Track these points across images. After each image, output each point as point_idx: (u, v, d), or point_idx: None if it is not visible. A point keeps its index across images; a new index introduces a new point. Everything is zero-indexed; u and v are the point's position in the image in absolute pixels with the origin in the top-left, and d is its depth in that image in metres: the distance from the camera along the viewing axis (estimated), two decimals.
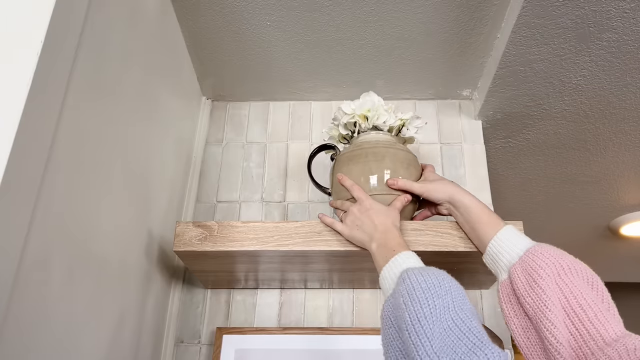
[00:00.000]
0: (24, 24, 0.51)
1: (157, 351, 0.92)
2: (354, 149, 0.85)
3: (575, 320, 0.53)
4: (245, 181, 1.13)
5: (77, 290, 0.62)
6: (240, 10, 0.95)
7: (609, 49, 0.94)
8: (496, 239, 0.67)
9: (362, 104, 0.85)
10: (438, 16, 0.95)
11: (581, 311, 0.53)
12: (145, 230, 0.85)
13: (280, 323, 0.98)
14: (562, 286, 0.56)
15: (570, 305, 0.54)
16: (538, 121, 1.19)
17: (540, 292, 0.57)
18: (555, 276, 0.57)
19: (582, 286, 0.56)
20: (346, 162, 0.84)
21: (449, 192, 0.76)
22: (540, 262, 0.59)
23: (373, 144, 0.84)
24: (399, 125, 0.86)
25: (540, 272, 0.58)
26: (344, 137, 0.89)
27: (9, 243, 0.47)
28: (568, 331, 0.53)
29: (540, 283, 0.57)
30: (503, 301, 0.64)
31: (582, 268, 0.59)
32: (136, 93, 0.79)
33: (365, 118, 0.85)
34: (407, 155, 0.84)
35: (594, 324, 0.52)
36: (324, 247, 0.78)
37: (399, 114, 0.87)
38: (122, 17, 0.72)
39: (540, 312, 0.56)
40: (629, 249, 2.05)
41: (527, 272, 0.60)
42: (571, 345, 0.52)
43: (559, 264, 0.58)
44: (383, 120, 0.84)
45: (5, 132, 0.46)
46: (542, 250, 0.61)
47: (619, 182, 1.51)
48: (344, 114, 0.86)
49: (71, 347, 0.61)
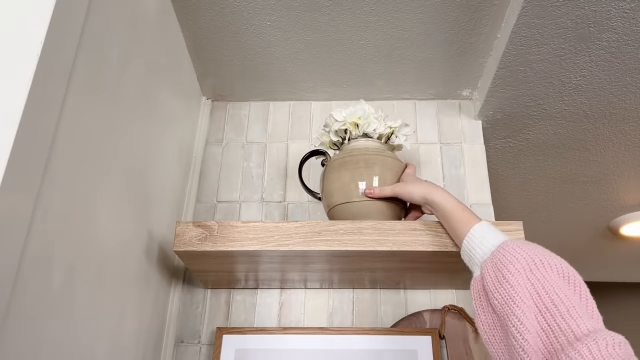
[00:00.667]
0: (24, 24, 0.51)
1: (157, 351, 0.92)
2: (345, 156, 0.86)
3: (547, 316, 0.52)
4: (245, 181, 1.13)
5: (77, 290, 0.62)
6: (240, 10, 0.95)
7: (609, 49, 0.94)
8: (470, 235, 0.67)
9: (353, 111, 0.87)
10: (438, 16, 0.95)
11: (553, 306, 0.52)
12: (145, 230, 0.85)
13: (280, 323, 0.98)
14: (533, 281, 0.55)
15: (542, 300, 0.54)
16: (538, 121, 1.19)
17: (509, 287, 0.56)
18: (527, 271, 0.57)
19: (556, 280, 0.55)
20: (337, 168, 0.86)
21: (422, 192, 0.76)
22: (510, 257, 0.58)
23: (363, 151, 0.86)
24: (388, 133, 0.89)
25: (510, 268, 0.57)
26: (335, 144, 0.91)
27: (9, 243, 0.47)
28: (540, 326, 0.52)
29: (509, 278, 0.57)
30: (473, 298, 0.63)
31: (556, 262, 0.58)
32: (136, 93, 0.79)
33: (356, 125, 0.87)
34: (396, 162, 0.86)
35: (565, 319, 0.51)
36: (324, 247, 0.78)
37: (388, 122, 0.89)
38: (122, 17, 0.72)
39: (508, 308, 0.55)
40: (629, 249, 2.05)
41: (497, 268, 0.59)
42: (542, 340, 0.52)
43: (531, 259, 0.57)
44: (373, 128, 0.87)
45: (5, 132, 0.46)
46: (514, 245, 0.60)
47: (619, 182, 1.51)
48: (335, 121, 0.88)
49: (71, 347, 0.61)
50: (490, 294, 0.59)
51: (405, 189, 0.79)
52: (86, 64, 0.61)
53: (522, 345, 0.52)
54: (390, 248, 0.77)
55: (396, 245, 0.77)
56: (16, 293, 0.49)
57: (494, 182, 1.41)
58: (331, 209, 0.86)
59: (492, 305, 0.59)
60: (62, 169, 0.57)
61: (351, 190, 0.83)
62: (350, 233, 0.78)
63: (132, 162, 0.79)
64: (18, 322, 0.50)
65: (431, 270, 0.88)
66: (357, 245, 0.77)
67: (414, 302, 0.99)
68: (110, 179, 0.71)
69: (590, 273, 2.39)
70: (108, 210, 0.70)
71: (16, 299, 0.49)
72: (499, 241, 0.63)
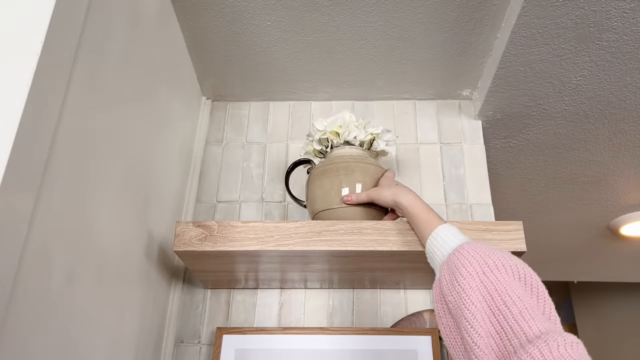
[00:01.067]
0: (24, 24, 0.51)
1: (157, 351, 0.92)
2: (327, 164, 0.88)
3: (500, 318, 0.52)
4: (245, 181, 1.13)
5: (77, 291, 0.62)
6: (240, 10, 0.95)
7: (609, 49, 0.94)
8: (432, 237, 0.67)
9: (333, 121, 0.90)
10: (438, 16, 0.95)
11: (505, 308, 0.52)
12: (145, 230, 0.85)
13: (280, 323, 0.98)
14: (486, 283, 0.55)
15: (495, 302, 0.53)
16: (538, 121, 1.19)
17: (461, 290, 0.56)
18: (480, 274, 0.56)
19: (510, 282, 0.55)
20: (319, 175, 0.88)
21: (391, 195, 0.77)
22: (464, 260, 0.58)
23: (345, 158, 0.88)
24: (370, 139, 0.91)
25: (462, 271, 0.57)
26: (320, 152, 0.93)
27: (9, 243, 0.47)
28: (493, 329, 0.52)
29: (461, 281, 0.56)
30: (434, 301, 0.63)
31: (512, 264, 0.57)
32: (136, 93, 0.79)
33: (337, 134, 0.90)
34: (377, 169, 0.88)
35: (518, 321, 0.50)
36: (324, 247, 0.78)
37: (369, 129, 0.91)
38: (122, 17, 0.72)
39: (460, 311, 0.55)
40: (629, 249, 2.05)
41: (451, 271, 0.59)
42: (496, 342, 0.51)
43: (484, 261, 0.57)
44: (354, 136, 0.89)
45: (5, 132, 0.46)
46: (469, 248, 0.60)
47: (618, 182, 1.51)
48: (317, 131, 0.91)
49: (71, 347, 0.61)
50: (446, 297, 0.59)
51: (377, 193, 0.81)
52: (86, 64, 0.61)
53: (473, 348, 0.52)
54: (390, 248, 0.77)
55: (396, 245, 0.77)
56: (16, 293, 0.49)
57: (494, 182, 1.41)
58: (314, 215, 0.88)
59: (449, 308, 0.59)
60: (62, 169, 0.57)
61: (331, 197, 0.85)
62: (350, 233, 0.79)
63: (132, 162, 0.79)
64: (18, 322, 0.50)
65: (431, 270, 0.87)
66: (357, 245, 0.78)
67: (414, 302, 0.99)
68: (110, 179, 0.71)
69: (590, 273, 2.39)
70: (108, 210, 0.70)
71: (16, 299, 0.49)
72: (456, 244, 0.63)
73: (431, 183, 1.10)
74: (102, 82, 0.67)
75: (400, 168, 1.12)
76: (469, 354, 0.53)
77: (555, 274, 2.42)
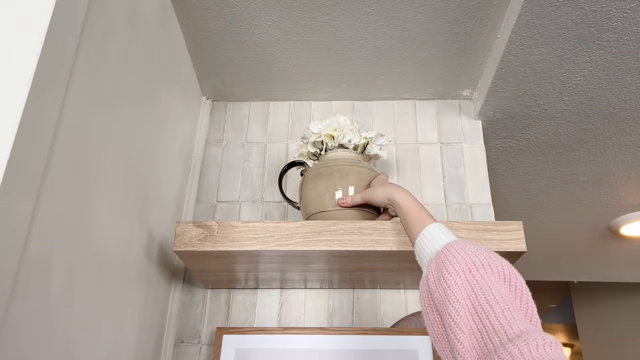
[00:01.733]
0: (24, 24, 0.51)
1: (157, 351, 0.92)
2: (321, 167, 0.89)
3: (483, 317, 0.53)
4: (245, 181, 1.13)
5: (77, 291, 0.62)
6: (240, 10, 0.95)
7: (609, 49, 0.94)
8: (421, 235, 0.68)
9: (328, 124, 0.90)
10: (438, 16, 0.95)
11: (488, 307, 0.53)
12: (145, 230, 0.85)
13: (280, 323, 0.98)
14: (472, 281, 0.56)
15: (479, 301, 0.54)
16: (538, 121, 1.19)
17: (446, 287, 0.57)
18: (466, 272, 0.57)
19: (494, 282, 0.55)
20: (313, 178, 0.88)
21: (385, 193, 0.78)
22: (451, 257, 0.59)
23: (339, 161, 0.88)
24: (364, 143, 0.92)
25: (449, 268, 0.58)
26: (314, 154, 0.94)
27: (9, 243, 0.47)
28: (476, 327, 0.53)
29: (447, 278, 0.57)
30: (421, 297, 0.63)
31: (497, 264, 0.58)
32: (136, 93, 0.79)
33: (332, 137, 0.90)
34: (370, 172, 0.88)
35: (499, 320, 0.51)
36: (324, 247, 0.78)
37: (363, 133, 0.92)
38: (122, 17, 0.72)
39: (444, 308, 0.56)
40: (629, 249, 2.05)
41: (438, 268, 0.60)
42: (477, 340, 0.52)
43: (471, 260, 0.58)
44: (348, 139, 0.90)
45: (5, 132, 0.46)
46: (457, 246, 0.61)
47: (618, 182, 1.51)
48: (312, 133, 0.91)
49: (71, 347, 0.61)
50: (433, 294, 0.59)
51: (371, 192, 0.81)
52: (86, 64, 0.61)
53: (456, 344, 0.53)
54: (390, 248, 0.77)
55: (396, 245, 0.78)
56: (16, 293, 0.49)
57: (494, 182, 1.41)
58: (308, 217, 0.88)
59: (435, 305, 0.59)
60: (62, 169, 0.57)
61: (326, 200, 0.85)
62: (350, 233, 0.79)
63: (132, 162, 0.79)
64: (18, 322, 0.50)
65: None
66: (357, 245, 0.78)
67: (414, 302, 0.99)
68: (110, 179, 0.71)
69: (590, 273, 2.39)
70: (108, 211, 0.70)
71: (16, 299, 0.49)
72: (445, 242, 0.64)
73: (431, 183, 1.10)
74: (102, 82, 0.67)
75: (400, 168, 1.12)
76: (453, 350, 0.54)
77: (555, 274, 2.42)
